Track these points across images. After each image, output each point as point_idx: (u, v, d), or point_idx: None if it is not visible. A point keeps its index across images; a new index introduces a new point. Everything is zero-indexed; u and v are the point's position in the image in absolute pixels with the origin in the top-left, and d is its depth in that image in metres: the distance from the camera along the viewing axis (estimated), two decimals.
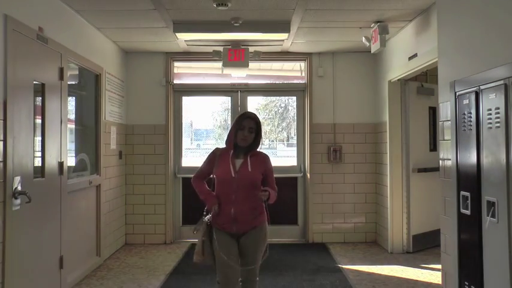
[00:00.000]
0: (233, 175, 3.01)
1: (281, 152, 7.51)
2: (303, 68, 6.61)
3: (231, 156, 3.07)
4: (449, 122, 3.49)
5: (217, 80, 6.72)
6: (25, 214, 3.46)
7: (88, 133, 5.19)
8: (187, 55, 6.39)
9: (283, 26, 5.06)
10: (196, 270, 4.70)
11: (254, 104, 7.03)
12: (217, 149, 3.20)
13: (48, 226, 3.88)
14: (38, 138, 3.79)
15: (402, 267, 5.11)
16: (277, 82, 6.84)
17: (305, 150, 6.46)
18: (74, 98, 4.86)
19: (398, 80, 5.65)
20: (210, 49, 5.92)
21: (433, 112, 5.84)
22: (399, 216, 5.72)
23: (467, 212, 3.16)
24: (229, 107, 6.62)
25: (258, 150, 3.15)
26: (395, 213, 5.72)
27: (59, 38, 4.10)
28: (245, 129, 3.05)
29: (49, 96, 3.91)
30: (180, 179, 6.43)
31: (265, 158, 3.16)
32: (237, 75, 6.52)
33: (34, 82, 3.67)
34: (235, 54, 5.79)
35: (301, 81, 6.59)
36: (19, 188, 3.35)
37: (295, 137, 6.64)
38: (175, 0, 4.26)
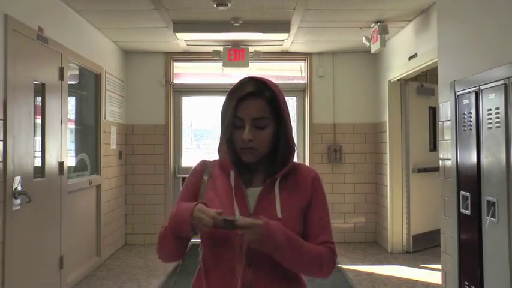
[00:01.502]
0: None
1: None
2: (303, 68, 6.61)
3: (233, 183, 1.43)
4: (449, 122, 3.49)
5: (217, 80, 6.72)
6: (25, 214, 3.47)
7: (88, 133, 5.19)
8: (187, 55, 6.39)
9: (283, 26, 5.06)
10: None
11: None
12: (204, 162, 1.53)
13: (48, 226, 3.88)
14: (38, 138, 3.79)
15: (402, 267, 5.11)
16: (277, 82, 6.83)
17: (305, 150, 6.46)
18: (74, 98, 4.87)
19: (398, 80, 5.65)
20: (210, 49, 5.92)
21: (433, 112, 5.84)
22: (399, 216, 5.72)
23: (467, 212, 3.16)
24: None
25: (295, 161, 1.50)
26: (395, 213, 5.72)
27: (59, 38, 4.10)
28: (245, 126, 1.41)
29: (49, 96, 3.91)
30: (180, 179, 6.42)
31: (313, 181, 1.47)
32: (237, 75, 6.52)
33: (34, 82, 3.67)
34: (235, 54, 5.80)
35: (301, 81, 6.58)
36: (19, 188, 3.35)
37: (295, 137, 6.64)
38: (175, 0, 4.26)
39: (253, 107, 1.42)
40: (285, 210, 1.39)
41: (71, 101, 4.75)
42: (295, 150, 1.51)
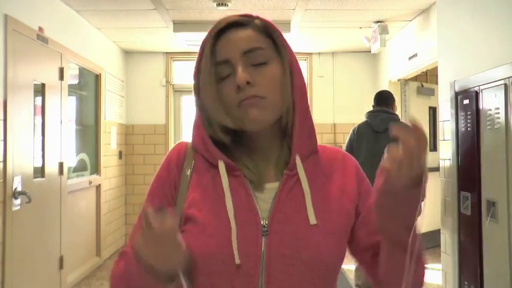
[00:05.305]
0: (259, 246, 0.84)
1: None
2: (303, 68, 6.61)
3: (225, 179, 0.89)
4: (449, 122, 3.49)
5: None
6: (25, 214, 3.46)
7: (88, 133, 5.19)
8: (187, 55, 6.39)
9: (283, 26, 5.05)
10: None
11: None
12: (182, 147, 1.04)
13: (48, 226, 3.88)
14: (38, 138, 3.79)
15: None
16: None
17: None
18: (74, 98, 4.87)
19: (398, 80, 5.66)
20: None
21: (433, 112, 5.83)
22: None
23: (468, 212, 3.16)
24: None
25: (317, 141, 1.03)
26: None
27: (59, 38, 4.10)
28: (236, 72, 0.89)
29: (49, 96, 3.91)
30: None
31: (357, 171, 0.99)
32: None
33: (34, 82, 3.67)
34: None
35: None
36: (19, 188, 3.35)
37: None
38: (175, 0, 4.26)
39: (242, 37, 0.91)
40: (321, 212, 0.86)
41: (71, 101, 4.74)
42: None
